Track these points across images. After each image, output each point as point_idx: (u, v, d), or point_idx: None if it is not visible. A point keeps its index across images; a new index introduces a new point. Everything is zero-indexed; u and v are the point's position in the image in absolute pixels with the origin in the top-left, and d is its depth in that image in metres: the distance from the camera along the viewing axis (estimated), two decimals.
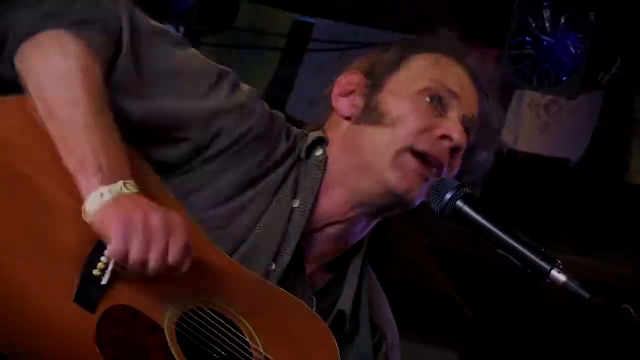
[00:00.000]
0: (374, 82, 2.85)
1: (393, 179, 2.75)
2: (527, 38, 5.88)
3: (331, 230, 2.84)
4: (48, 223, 2.37)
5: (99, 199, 2.38)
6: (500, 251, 2.67)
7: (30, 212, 2.36)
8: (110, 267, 2.39)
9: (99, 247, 2.39)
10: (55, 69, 2.47)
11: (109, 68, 2.58)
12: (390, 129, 2.78)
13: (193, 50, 2.79)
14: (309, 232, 2.80)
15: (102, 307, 2.36)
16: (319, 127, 2.92)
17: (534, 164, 6.76)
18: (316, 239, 2.83)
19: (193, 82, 2.71)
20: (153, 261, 2.37)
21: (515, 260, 2.64)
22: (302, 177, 2.81)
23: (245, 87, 2.80)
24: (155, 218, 2.39)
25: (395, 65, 2.88)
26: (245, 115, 2.74)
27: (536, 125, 6.41)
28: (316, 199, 2.80)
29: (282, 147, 2.80)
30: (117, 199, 2.39)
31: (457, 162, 2.81)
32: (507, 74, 5.92)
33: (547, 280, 2.60)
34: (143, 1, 7.18)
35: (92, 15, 2.54)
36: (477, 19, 6.38)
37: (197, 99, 2.70)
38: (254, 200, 2.75)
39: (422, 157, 2.76)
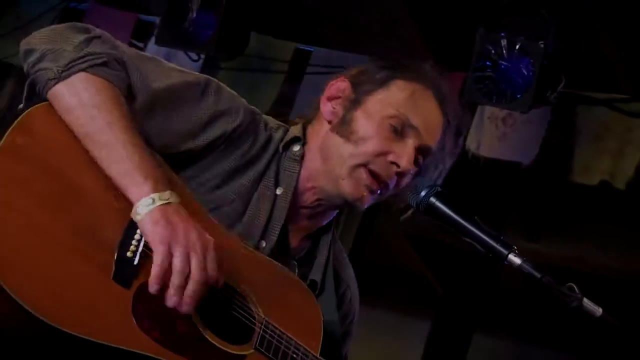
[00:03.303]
0: (357, 96, 2.84)
1: (345, 187, 2.77)
2: (488, 62, 5.86)
3: (306, 212, 2.86)
4: (84, 213, 2.35)
5: (151, 204, 2.38)
6: (466, 239, 2.66)
7: (68, 203, 2.34)
8: (140, 249, 2.38)
9: (130, 231, 2.39)
10: (87, 102, 2.45)
11: (127, 95, 2.57)
12: (354, 146, 2.78)
13: (177, 67, 2.79)
14: (290, 210, 2.81)
15: (136, 283, 2.35)
16: (305, 120, 2.92)
17: (493, 167, 6.74)
18: (295, 216, 2.84)
19: (186, 94, 2.69)
20: (195, 269, 2.37)
21: (478, 247, 2.64)
22: (282, 169, 2.82)
23: (226, 89, 2.80)
24: (195, 234, 2.39)
25: (378, 86, 2.85)
26: (232, 115, 2.73)
27: (495, 135, 6.39)
28: (295, 187, 2.81)
29: (261, 138, 2.80)
30: (164, 207, 2.39)
31: (403, 182, 2.82)
32: (471, 93, 5.91)
33: (505, 262, 2.59)
34: (170, 33, 7.14)
35: (103, 59, 2.52)
36: (446, 47, 6.37)
37: (192, 110, 2.68)
38: (243, 186, 2.75)
39: (373, 174, 2.76)
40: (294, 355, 2.54)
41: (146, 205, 2.39)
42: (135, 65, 2.61)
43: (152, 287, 2.36)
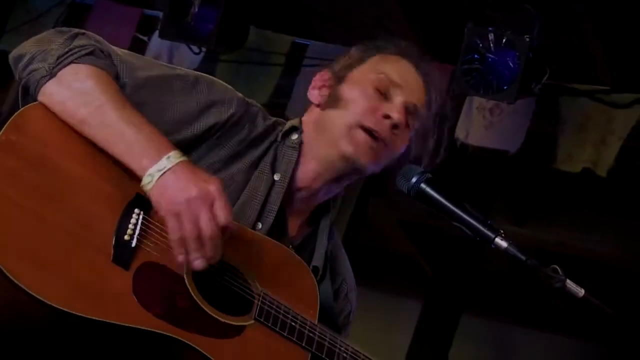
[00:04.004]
0: (339, 75, 2.87)
1: (345, 146, 2.75)
2: (476, 55, 5.86)
3: (303, 193, 2.84)
4: (81, 201, 2.35)
5: (150, 181, 2.38)
6: (454, 223, 2.66)
7: (64, 193, 2.34)
8: (137, 233, 2.39)
9: (126, 216, 2.40)
10: (76, 90, 2.45)
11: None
12: (344, 110, 2.78)
13: (165, 64, 2.80)
14: (286, 196, 2.80)
15: (135, 264, 2.35)
16: (299, 115, 2.92)
17: (481, 155, 6.75)
18: (292, 200, 2.83)
19: (176, 84, 2.69)
20: (205, 228, 2.37)
21: (466, 231, 2.63)
22: (280, 156, 2.81)
23: (220, 82, 2.79)
24: (195, 191, 2.38)
25: (357, 62, 2.88)
26: (225, 105, 2.72)
27: (483, 124, 6.40)
28: (292, 172, 2.80)
29: (260, 127, 2.80)
30: (163, 178, 2.38)
31: (399, 140, 2.81)
32: (460, 84, 5.92)
33: (492, 245, 2.59)
34: (173, 27, 7.13)
35: (89, 49, 2.52)
36: (436, 41, 6.37)
37: (185, 100, 2.68)
38: (240, 171, 2.74)
39: (369, 132, 2.75)
40: (293, 323, 2.54)
41: (147, 182, 2.39)
42: (120, 57, 2.61)
43: (179, 258, 2.37)
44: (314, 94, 2.89)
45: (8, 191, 2.25)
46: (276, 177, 2.79)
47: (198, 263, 2.37)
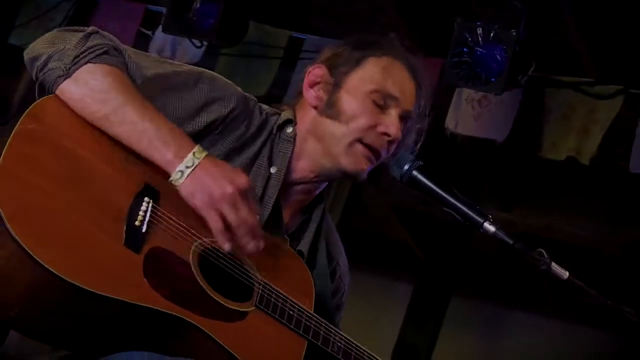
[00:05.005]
0: (336, 79, 2.83)
1: (346, 163, 2.76)
2: (465, 49, 5.85)
3: (298, 187, 2.84)
4: (95, 188, 2.37)
5: (180, 177, 2.42)
6: (445, 208, 2.65)
7: (80, 180, 2.36)
8: (147, 219, 2.41)
9: (137, 203, 2.42)
10: (97, 88, 2.45)
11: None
12: (345, 125, 2.77)
13: (171, 61, 2.79)
14: (282, 188, 2.80)
15: (145, 249, 2.37)
16: (291, 105, 2.90)
17: (469, 143, 6.75)
18: (288, 193, 2.83)
19: (179, 81, 2.69)
20: (247, 216, 2.44)
21: (456, 216, 2.63)
22: (276, 149, 2.81)
23: (220, 78, 2.79)
24: (227, 185, 2.43)
25: (353, 65, 2.84)
26: (225, 100, 2.72)
27: (471, 115, 6.39)
28: (288, 165, 2.80)
29: (256, 122, 2.79)
30: (193, 174, 2.42)
31: (392, 148, 2.81)
32: (450, 77, 5.91)
33: (481, 230, 2.59)
34: (176, 22, 7.12)
35: (104, 48, 2.52)
36: (427, 35, 6.36)
37: (187, 96, 2.68)
38: (240, 166, 2.73)
39: (368, 146, 2.76)
40: (291, 312, 2.55)
41: (177, 178, 2.42)
42: (130, 56, 2.61)
43: (226, 247, 2.45)
44: (310, 94, 2.85)
45: (28, 176, 2.27)
46: (272, 170, 2.79)
47: (252, 246, 2.47)
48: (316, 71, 2.87)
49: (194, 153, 2.44)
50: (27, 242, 2.17)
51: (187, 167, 2.42)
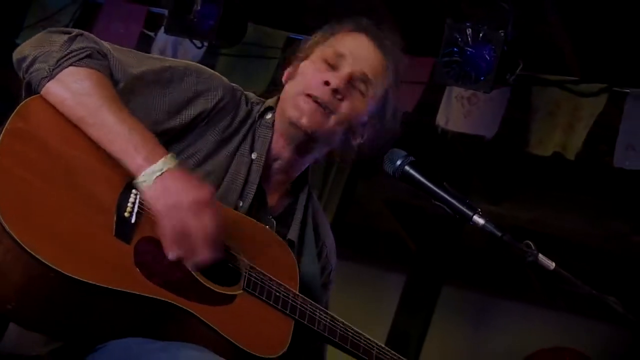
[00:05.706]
0: (304, 53, 2.89)
1: (290, 112, 2.77)
2: (455, 49, 5.85)
3: (276, 165, 2.85)
4: (83, 182, 2.38)
5: (144, 181, 2.42)
6: (436, 202, 2.66)
7: (69, 175, 2.37)
8: (135, 210, 2.43)
9: (124, 195, 2.43)
10: (77, 91, 2.46)
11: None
12: (295, 82, 2.83)
13: (156, 56, 2.83)
14: (265, 173, 2.82)
15: (135, 239, 2.39)
16: (278, 95, 2.92)
17: (459, 140, 6.75)
18: (269, 174, 2.85)
19: (164, 76, 2.69)
20: (196, 229, 2.42)
21: (447, 209, 2.64)
22: (257, 136, 2.82)
23: (207, 70, 2.80)
24: (188, 197, 2.42)
25: (319, 40, 2.91)
26: (211, 93, 2.74)
27: (461, 112, 6.38)
28: (268, 149, 2.81)
29: (242, 112, 2.82)
30: (158, 180, 2.42)
31: (347, 105, 2.80)
32: (440, 75, 5.91)
33: (471, 223, 2.60)
34: (177, 24, 7.09)
35: (87, 52, 2.53)
36: (418, 35, 6.36)
37: (174, 90, 2.69)
38: (226, 156, 2.76)
39: (311, 96, 2.77)
40: (277, 293, 2.57)
41: (143, 181, 2.42)
42: (114, 55, 2.61)
43: (171, 255, 2.42)
44: (284, 73, 2.91)
45: (20, 172, 2.28)
46: (253, 156, 2.81)
47: (205, 256, 2.44)
48: (292, 58, 2.93)
49: (164, 160, 2.44)
50: (22, 237, 2.17)
51: (154, 172, 2.41)
